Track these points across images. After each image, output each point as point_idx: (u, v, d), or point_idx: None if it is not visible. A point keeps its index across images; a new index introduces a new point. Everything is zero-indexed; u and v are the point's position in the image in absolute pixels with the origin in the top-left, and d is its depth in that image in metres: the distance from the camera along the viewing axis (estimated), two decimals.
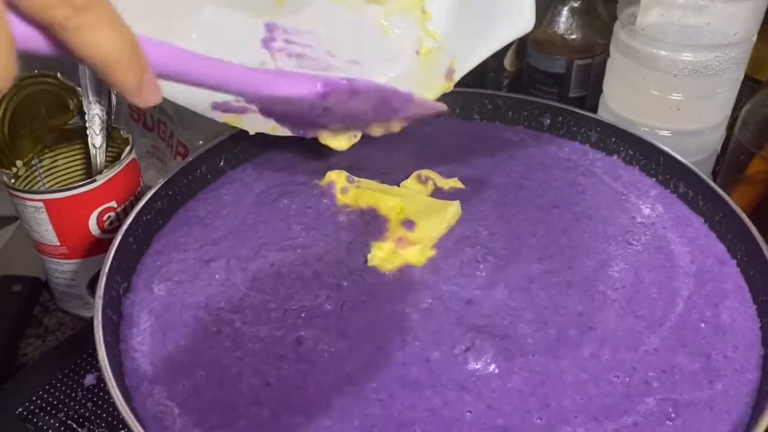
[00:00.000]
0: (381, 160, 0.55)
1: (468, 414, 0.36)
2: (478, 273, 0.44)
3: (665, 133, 0.56)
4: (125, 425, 0.34)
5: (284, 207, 0.50)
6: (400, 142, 0.57)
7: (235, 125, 0.50)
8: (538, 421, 0.36)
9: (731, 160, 0.58)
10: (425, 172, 0.53)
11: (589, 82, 0.69)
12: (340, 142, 0.50)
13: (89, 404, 0.44)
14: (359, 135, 0.50)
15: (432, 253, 0.46)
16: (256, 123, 0.49)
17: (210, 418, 0.36)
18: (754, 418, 0.35)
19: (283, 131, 0.49)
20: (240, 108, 0.48)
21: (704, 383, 0.37)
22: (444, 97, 0.59)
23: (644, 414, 0.36)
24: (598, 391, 0.37)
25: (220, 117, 0.49)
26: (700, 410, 0.36)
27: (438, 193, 0.51)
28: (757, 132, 0.56)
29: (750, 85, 0.61)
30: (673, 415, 0.36)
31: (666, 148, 0.51)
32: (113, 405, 0.35)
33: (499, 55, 0.75)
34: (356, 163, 0.54)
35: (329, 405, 0.36)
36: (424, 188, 0.51)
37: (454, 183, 0.52)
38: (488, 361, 0.38)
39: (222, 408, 0.36)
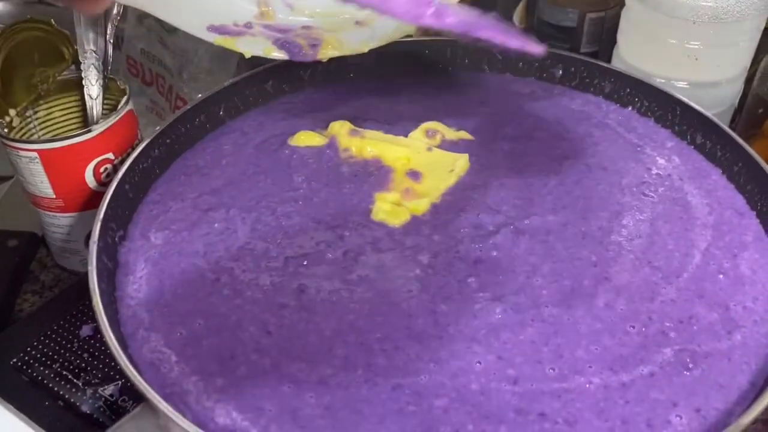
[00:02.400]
0: (387, 111, 0.53)
1: (477, 365, 0.35)
2: (489, 224, 0.42)
3: (682, 84, 0.54)
4: (121, 374, 0.33)
5: (285, 157, 0.48)
6: (407, 94, 0.55)
7: (230, 48, 0.48)
8: (551, 371, 0.34)
9: (749, 114, 0.56)
10: (432, 125, 0.51)
11: (602, 36, 0.67)
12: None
13: (85, 355, 0.43)
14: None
15: (439, 202, 0.44)
16: (251, 46, 0.47)
17: (208, 365, 0.35)
18: None
19: (279, 54, 0.48)
20: (237, 31, 0.46)
21: (722, 334, 0.36)
22: (452, 48, 0.57)
23: (661, 364, 0.34)
24: (613, 342, 0.35)
25: (215, 39, 0.47)
26: (719, 361, 0.35)
27: (446, 144, 0.49)
28: None
29: None
30: (690, 365, 0.34)
31: (683, 98, 0.49)
32: (109, 355, 0.33)
33: (509, 10, 0.73)
34: (361, 114, 0.52)
35: (331, 353, 0.35)
36: (431, 141, 0.50)
37: (463, 135, 0.50)
38: (499, 313, 0.37)
39: (221, 356, 0.35)
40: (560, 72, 0.55)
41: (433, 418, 0.32)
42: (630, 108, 0.53)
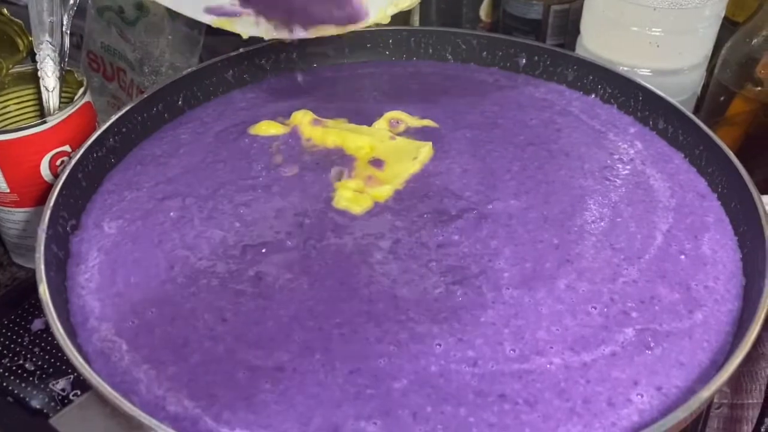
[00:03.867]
0: (350, 100, 0.52)
1: (437, 347, 0.34)
2: (452, 209, 0.42)
3: (645, 72, 0.54)
4: (71, 365, 0.31)
5: (245, 146, 0.47)
6: (370, 83, 0.55)
7: (228, 29, 0.48)
8: (512, 352, 0.34)
9: (711, 101, 0.57)
10: (396, 115, 0.50)
11: (567, 29, 0.67)
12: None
13: (36, 349, 0.41)
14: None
15: (402, 189, 0.43)
16: (248, 26, 0.48)
17: (161, 353, 0.34)
18: (734, 345, 0.34)
19: (278, 34, 0.47)
20: (234, 11, 0.46)
21: (684, 313, 0.36)
22: (416, 37, 0.57)
23: (622, 344, 0.34)
24: (575, 323, 0.35)
25: (213, 21, 0.48)
26: (680, 339, 0.34)
27: (410, 132, 0.49)
28: (739, 71, 0.54)
29: (729, 27, 0.59)
30: (652, 344, 0.34)
31: (645, 83, 0.49)
32: (60, 346, 0.32)
33: (475, 5, 0.73)
34: (324, 103, 0.51)
35: (289, 339, 0.34)
36: (395, 131, 0.49)
37: (427, 123, 0.50)
38: (460, 296, 0.36)
39: (174, 344, 0.34)
40: (524, 61, 0.55)
41: (392, 401, 0.31)
42: (593, 95, 0.52)
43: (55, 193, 0.39)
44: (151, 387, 0.32)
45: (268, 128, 0.49)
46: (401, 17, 0.70)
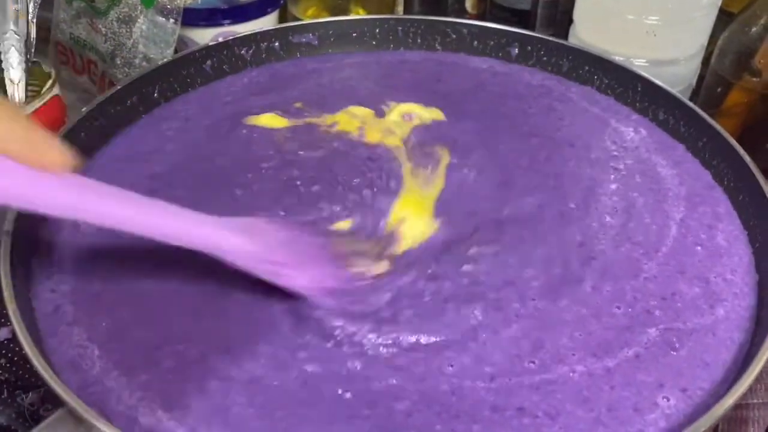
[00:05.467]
0: (341, 91, 0.49)
1: (450, 368, 0.31)
2: (474, 217, 0.39)
3: (641, 62, 0.52)
4: (40, 378, 0.28)
5: (244, 138, 0.44)
6: (359, 73, 0.52)
7: None
8: (531, 365, 0.31)
9: (708, 93, 0.55)
10: (408, 108, 0.47)
11: (556, 19, 0.65)
12: None
13: (2, 360, 0.38)
14: None
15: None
16: None
17: (132, 358, 0.31)
18: (755, 344, 0.32)
19: None
20: None
21: (705, 308, 0.34)
22: (404, 26, 0.54)
23: (646, 345, 0.32)
24: (599, 326, 0.33)
25: None
26: (703, 337, 0.32)
27: (419, 130, 0.45)
28: (736, 61, 0.53)
29: (723, 19, 0.57)
30: (677, 344, 0.32)
31: (644, 74, 0.47)
32: (27, 357, 0.29)
33: None
34: (313, 95, 0.48)
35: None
36: (407, 125, 0.46)
37: (435, 115, 0.47)
38: (477, 311, 0.33)
39: (146, 347, 0.31)
40: (516, 50, 0.53)
41: (394, 421, 0.29)
42: (589, 87, 0.50)
43: None
44: (122, 396, 0.29)
45: (271, 121, 0.46)
46: (387, 6, 0.68)
